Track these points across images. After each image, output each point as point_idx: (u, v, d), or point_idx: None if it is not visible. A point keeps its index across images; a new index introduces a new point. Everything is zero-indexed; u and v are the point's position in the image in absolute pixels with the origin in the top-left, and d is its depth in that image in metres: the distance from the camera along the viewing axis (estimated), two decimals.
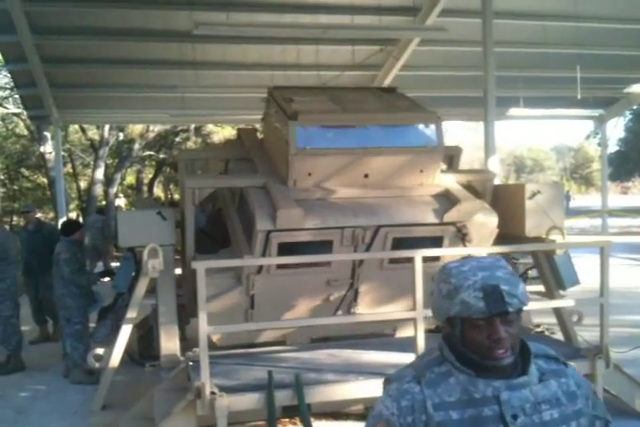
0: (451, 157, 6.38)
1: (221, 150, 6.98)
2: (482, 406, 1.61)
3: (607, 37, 13.06)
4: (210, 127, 24.79)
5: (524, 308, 1.63)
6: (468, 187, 5.85)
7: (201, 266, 4.46)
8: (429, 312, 5.16)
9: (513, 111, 16.66)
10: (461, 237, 5.47)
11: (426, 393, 1.64)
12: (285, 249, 5.06)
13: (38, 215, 10.46)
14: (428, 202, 5.42)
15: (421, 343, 4.67)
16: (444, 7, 11.02)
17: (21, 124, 24.07)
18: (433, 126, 5.45)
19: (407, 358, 4.75)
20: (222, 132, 24.42)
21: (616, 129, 49.37)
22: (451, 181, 5.69)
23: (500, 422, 1.60)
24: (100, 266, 14.40)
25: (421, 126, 5.48)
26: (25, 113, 18.13)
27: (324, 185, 5.32)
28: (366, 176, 5.38)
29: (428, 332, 5.11)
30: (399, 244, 5.31)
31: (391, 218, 5.19)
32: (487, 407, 1.61)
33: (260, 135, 6.70)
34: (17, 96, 18.27)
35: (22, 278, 8.42)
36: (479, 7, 9.79)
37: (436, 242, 5.38)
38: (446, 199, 5.43)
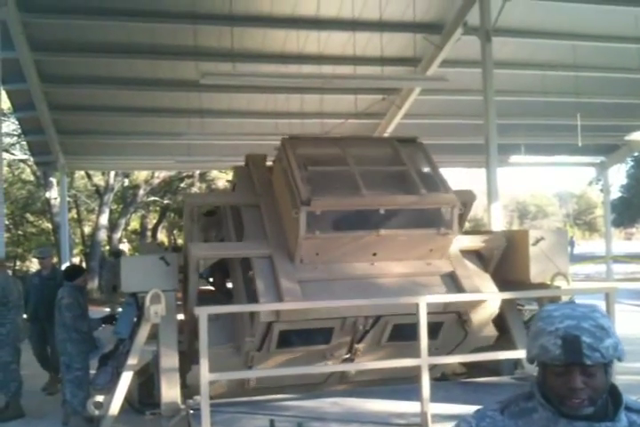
0: (464, 204, 6.42)
1: (229, 196, 6.83)
2: None
3: (606, 86, 13.30)
4: (214, 173, 25.02)
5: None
6: (476, 253, 5.88)
7: (203, 312, 4.44)
8: (434, 360, 5.17)
9: (514, 158, 16.79)
10: (462, 323, 5.57)
11: (506, 423, 1.68)
12: (286, 334, 5.15)
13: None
14: (434, 285, 5.44)
15: (427, 392, 4.60)
16: (444, 58, 11.28)
17: (28, 169, 24.33)
18: (451, 210, 5.41)
19: (412, 406, 4.71)
20: (227, 178, 24.61)
21: (618, 175, 49.60)
22: (458, 256, 5.67)
23: None
24: (104, 311, 14.29)
25: (439, 210, 5.45)
26: (31, 159, 18.37)
27: (330, 264, 5.34)
28: (374, 254, 5.42)
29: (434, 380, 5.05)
30: (398, 329, 5.38)
31: (394, 308, 5.20)
32: None
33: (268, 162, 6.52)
34: (24, 143, 18.53)
35: (27, 324, 8.31)
36: (479, 57, 10.01)
37: (436, 327, 5.42)
38: (452, 282, 5.46)
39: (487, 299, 5.48)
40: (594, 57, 12.05)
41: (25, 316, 8.28)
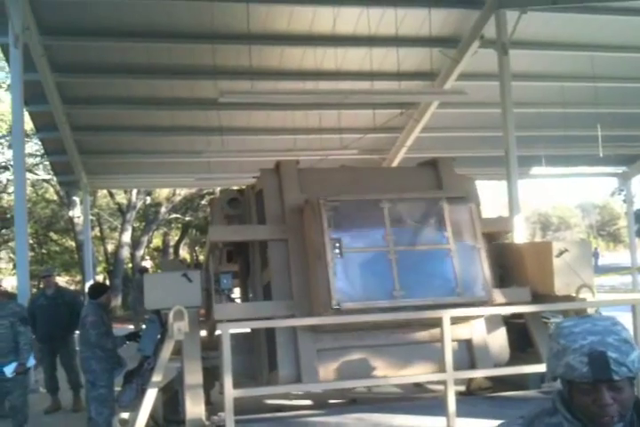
0: (499, 233, 6.52)
1: (260, 231, 6.05)
2: None
3: (625, 96, 13.22)
4: None
5: None
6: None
7: (226, 328, 4.45)
8: (459, 374, 5.12)
9: (535, 170, 16.71)
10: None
11: None
12: None
13: (65, 279, 10.45)
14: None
15: (452, 406, 4.55)
16: (461, 71, 11.29)
17: (51, 189, 24.68)
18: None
19: (437, 421, 4.66)
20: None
21: None
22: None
23: None
24: (128, 328, 14.36)
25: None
26: (54, 179, 18.65)
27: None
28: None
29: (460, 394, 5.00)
30: None
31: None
32: None
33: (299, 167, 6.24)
34: (47, 163, 18.83)
35: (37, 345, 7.97)
36: (497, 70, 10.02)
37: None
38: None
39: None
40: (612, 67, 11.99)
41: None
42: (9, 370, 6.48)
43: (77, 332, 7.84)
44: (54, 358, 8.24)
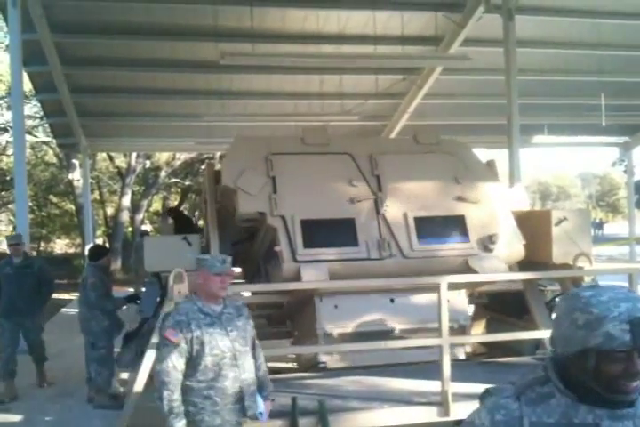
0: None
1: None
2: None
3: (630, 65, 13.05)
4: None
5: None
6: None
7: (229, 291, 4.48)
8: (454, 340, 5.17)
9: (537, 139, 16.63)
10: None
11: (524, 410, 1.62)
12: None
13: (64, 242, 10.33)
14: None
15: (447, 371, 4.62)
16: (466, 36, 11.13)
17: (50, 152, 24.57)
18: None
19: (432, 385, 4.74)
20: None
21: None
22: None
23: None
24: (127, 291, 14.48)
25: None
26: (54, 141, 18.55)
27: None
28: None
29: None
30: None
31: None
32: None
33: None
34: (46, 125, 18.70)
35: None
36: (501, 36, 9.87)
37: None
38: None
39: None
40: (617, 35, 11.80)
41: None
42: None
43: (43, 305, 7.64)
44: (17, 335, 7.37)
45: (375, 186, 5.72)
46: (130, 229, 23.50)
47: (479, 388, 1.87)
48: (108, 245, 21.66)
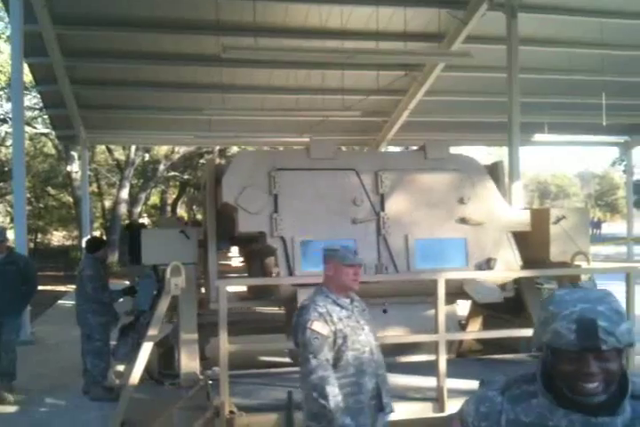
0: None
1: None
2: None
3: (632, 65, 13.03)
4: (234, 149, 25.07)
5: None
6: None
7: (223, 284, 4.49)
8: (451, 336, 5.18)
9: (537, 137, 16.62)
10: None
11: (504, 407, 1.64)
12: None
13: (62, 234, 10.22)
14: None
15: (443, 367, 4.62)
16: (468, 33, 11.10)
17: (49, 143, 24.54)
18: None
19: (428, 381, 4.74)
20: None
21: None
22: None
23: None
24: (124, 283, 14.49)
25: None
26: (53, 133, 18.51)
27: None
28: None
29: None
30: None
31: None
32: None
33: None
34: (46, 116, 18.66)
35: None
36: (504, 34, 9.84)
37: None
38: None
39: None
40: (621, 35, 11.77)
41: None
42: None
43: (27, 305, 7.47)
44: None
45: (379, 206, 5.68)
46: (127, 221, 23.49)
47: (474, 384, 1.88)
48: (105, 237, 21.65)
